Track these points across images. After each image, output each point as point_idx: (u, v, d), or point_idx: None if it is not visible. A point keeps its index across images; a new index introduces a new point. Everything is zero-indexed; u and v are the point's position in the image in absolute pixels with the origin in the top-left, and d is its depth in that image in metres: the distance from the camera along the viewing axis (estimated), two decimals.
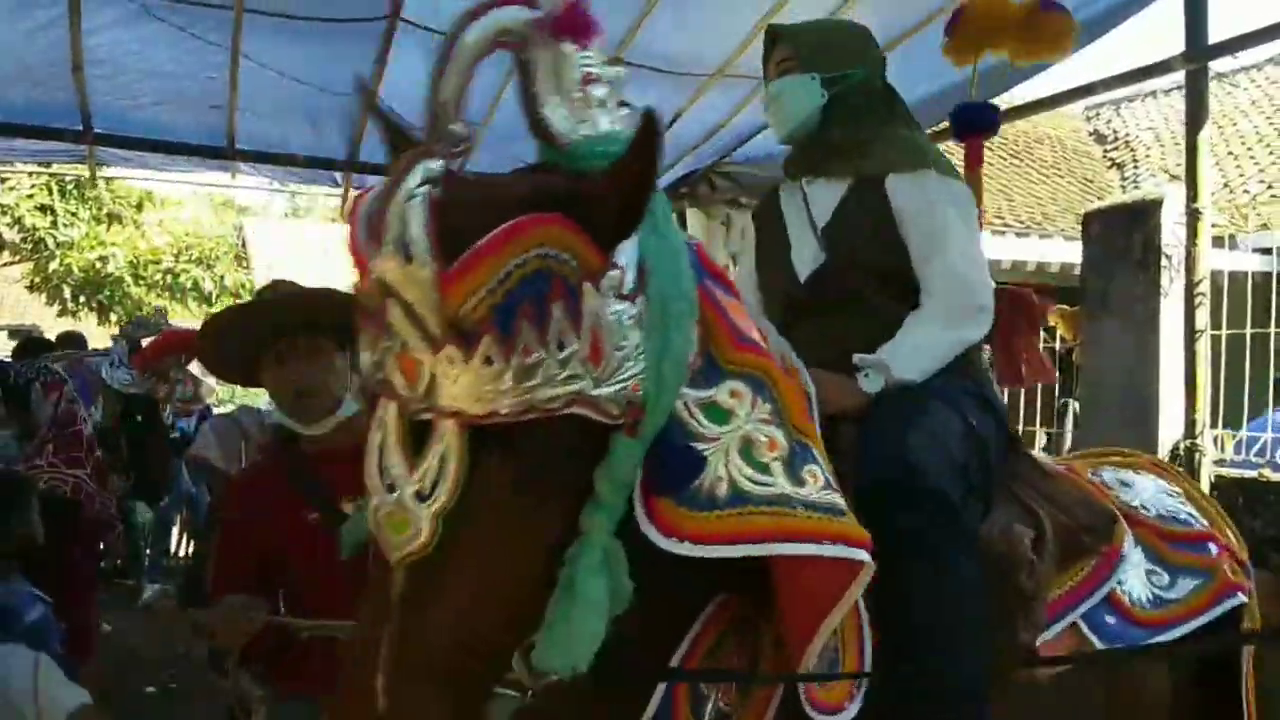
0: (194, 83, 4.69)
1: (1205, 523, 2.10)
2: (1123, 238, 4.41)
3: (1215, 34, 3.68)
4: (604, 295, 1.07)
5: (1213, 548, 2.04)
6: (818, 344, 1.72)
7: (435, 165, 1.06)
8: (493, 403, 1.01)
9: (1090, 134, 13.11)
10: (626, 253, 1.10)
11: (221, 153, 5.28)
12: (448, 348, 1.01)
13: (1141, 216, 4.34)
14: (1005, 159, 11.02)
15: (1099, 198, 11.11)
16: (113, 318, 13.51)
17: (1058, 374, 3.39)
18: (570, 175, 1.13)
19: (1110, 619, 1.83)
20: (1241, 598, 2.00)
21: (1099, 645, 1.80)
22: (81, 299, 14.13)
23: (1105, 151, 12.80)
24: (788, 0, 4.29)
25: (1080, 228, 9.42)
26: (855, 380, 1.77)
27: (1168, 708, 1.92)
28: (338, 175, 6.02)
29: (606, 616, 1.07)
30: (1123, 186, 11.63)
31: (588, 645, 1.06)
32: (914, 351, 1.80)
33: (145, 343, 4.43)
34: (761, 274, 2.13)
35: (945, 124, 5.03)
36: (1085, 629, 1.80)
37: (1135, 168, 12.21)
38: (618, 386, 1.08)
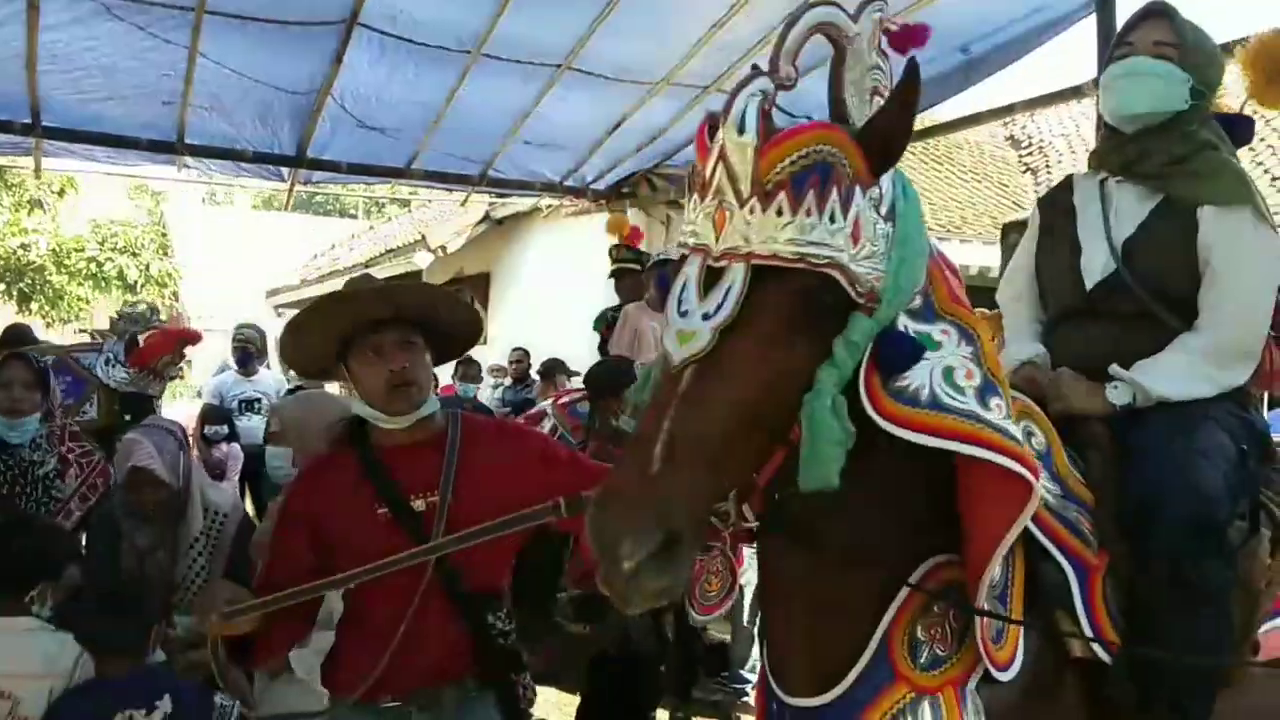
0: (147, 79, 4.72)
1: None
2: None
3: None
4: (868, 200, 1.38)
5: None
6: (1093, 351, 1.93)
7: (768, 84, 1.38)
8: (776, 246, 1.33)
9: (1006, 139, 13.55)
10: (885, 188, 1.42)
11: (171, 147, 5.32)
12: (752, 200, 1.34)
13: None
14: (928, 164, 11.41)
15: (1014, 202, 11.60)
16: (34, 306, 13.17)
17: None
18: None
19: None
20: None
21: None
22: (1, 287, 13.72)
23: (1020, 156, 13.31)
24: (733, 16, 4.50)
25: (996, 231, 9.84)
26: (1103, 387, 1.89)
27: None
28: (284, 170, 6.09)
29: (844, 450, 1.35)
30: (1036, 192, 12.14)
31: (832, 467, 1.34)
32: (1170, 376, 1.87)
33: (142, 339, 4.42)
34: (1044, 269, 2.14)
35: None
36: None
37: (1048, 172, 12.74)
38: (866, 269, 1.37)
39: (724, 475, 1.37)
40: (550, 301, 8.83)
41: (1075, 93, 4.04)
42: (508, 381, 8.36)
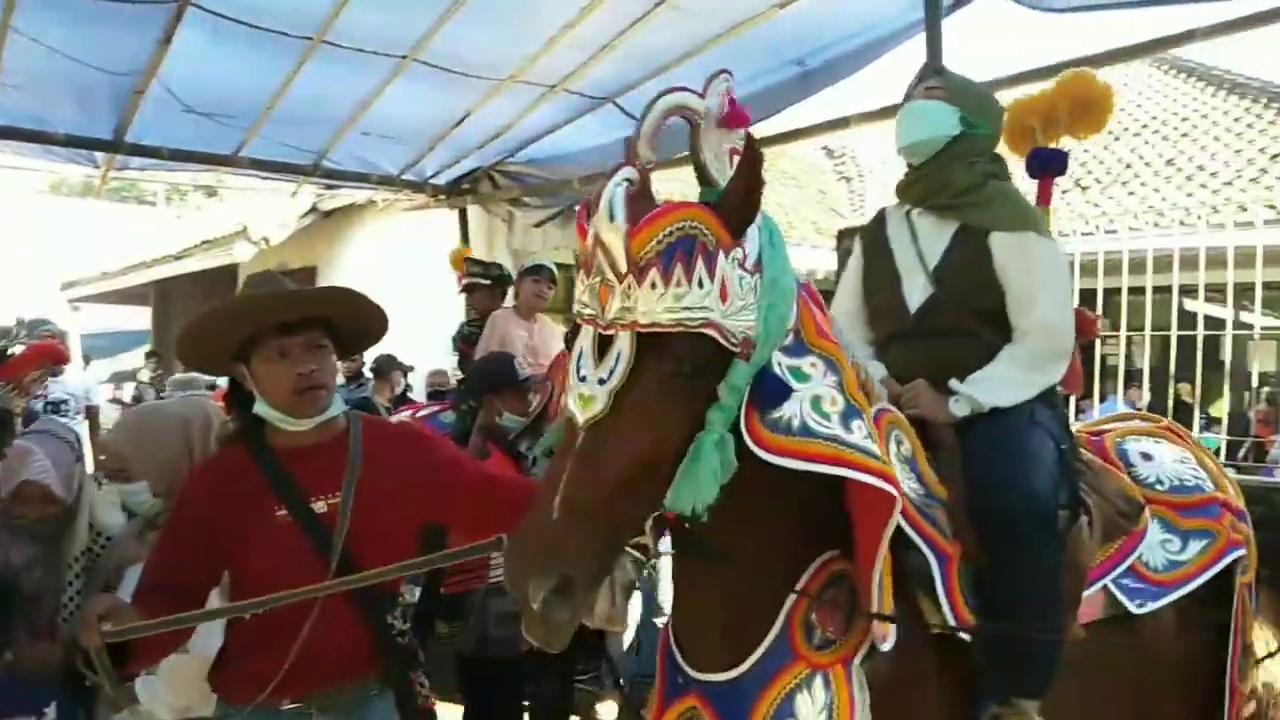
0: None
1: (1211, 485, 2.52)
2: None
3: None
4: (731, 261, 1.58)
5: (1217, 509, 2.47)
6: (925, 365, 2.22)
7: (632, 172, 1.61)
8: (655, 315, 1.53)
9: (821, 148, 14.18)
10: (750, 244, 1.63)
11: None
12: (629, 277, 1.54)
13: None
14: None
15: (832, 208, 12.19)
16: None
17: None
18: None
19: (1133, 582, 2.29)
20: (1240, 551, 2.44)
21: (1125, 601, 2.26)
22: None
23: (834, 165, 13.98)
24: (585, 17, 4.53)
25: (819, 235, 10.31)
26: (947, 400, 2.19)
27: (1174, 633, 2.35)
28: (99, 155, 5.71)
29: (719, 482, 1.56)
30: (850, 199, 12.79)
31: (704, 497, 1.55)
32: (999, 386, 2.19)
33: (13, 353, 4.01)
34: (872, 295, 2.45)
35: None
36: (1114, 590, 2.26)
37: (861, 181, 13.46)
38: (738, 323, 1.59)
39: (618, 520, 1.56)
40: (383, 299, 8.61)
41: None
42: (340, 380, 8.13)
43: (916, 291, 2.30)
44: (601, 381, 1.54)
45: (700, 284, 1.53)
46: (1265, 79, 11.43)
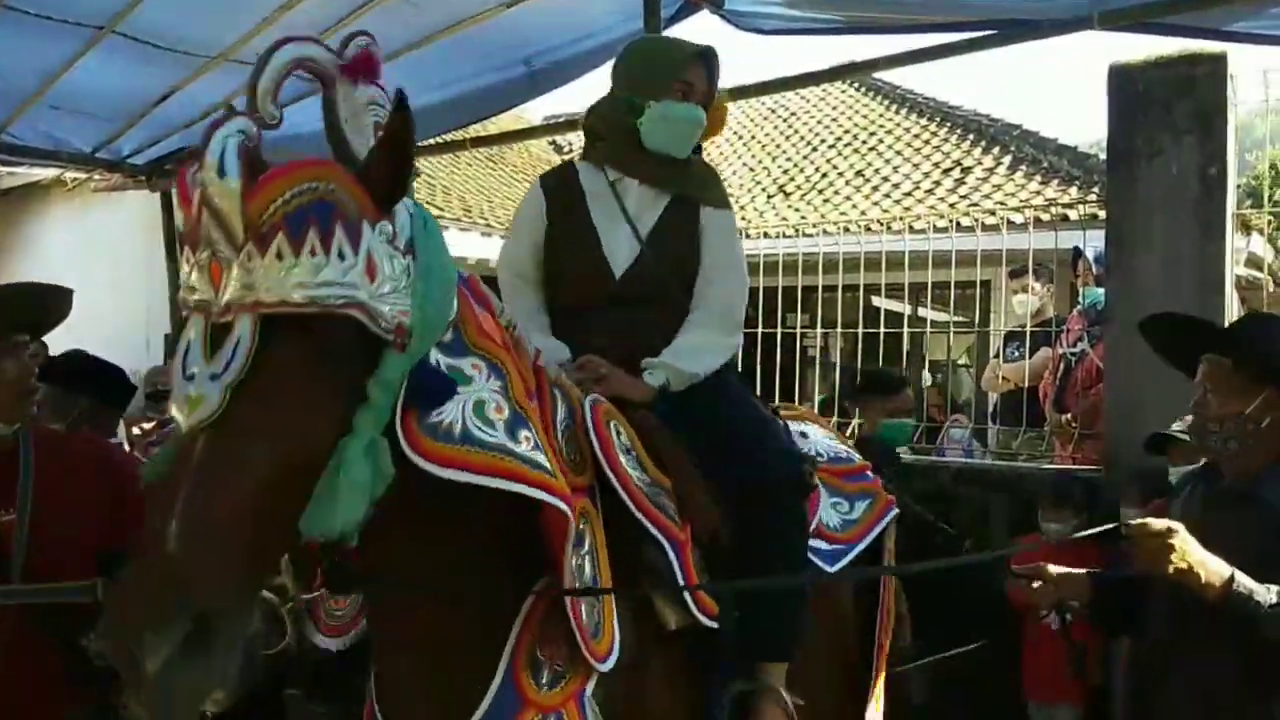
0: None
1: (857, 456, 2.76)
2: None
3: None
4: (380, 235, 1.33)
5: (869, 475, 2.72)
6: (627, 331, 2.16)
7: (248, 124, 1.32)
8: (284, 292, 1.24)
9: (549, 143, 14.37)
10: (401, 222, 1.40)
11: None
12: (248, 246, 1.25)
13: None
14: (482, 161, 11.78)
15: None
16: None
17: None
18: None
19: (822, 544, 2.41)
20: (894, 511, 2.68)
21: (819, 563, 2.38)
22: None
23: (563, 160, 14.17)
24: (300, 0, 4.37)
25: None
26: (641, 377, 2.12)
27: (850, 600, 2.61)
28: None
29: (368, 496, 1.30)
30: None
31: (349, 518, 1.27)
32: (696, 351, 2.19)
33: None
34: (560, 256, 2.29)
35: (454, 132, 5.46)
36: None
37: None
38: (389, 307, 1.33)
39: (261, 541, 1.23)
40: (74, 287, 7.87)
41: None
42: None
43: (621, 255, 2.23)
44: (215, 377, 1.21)
45: (340, 255, 1.27)
46: (941, 99, 12.80)
